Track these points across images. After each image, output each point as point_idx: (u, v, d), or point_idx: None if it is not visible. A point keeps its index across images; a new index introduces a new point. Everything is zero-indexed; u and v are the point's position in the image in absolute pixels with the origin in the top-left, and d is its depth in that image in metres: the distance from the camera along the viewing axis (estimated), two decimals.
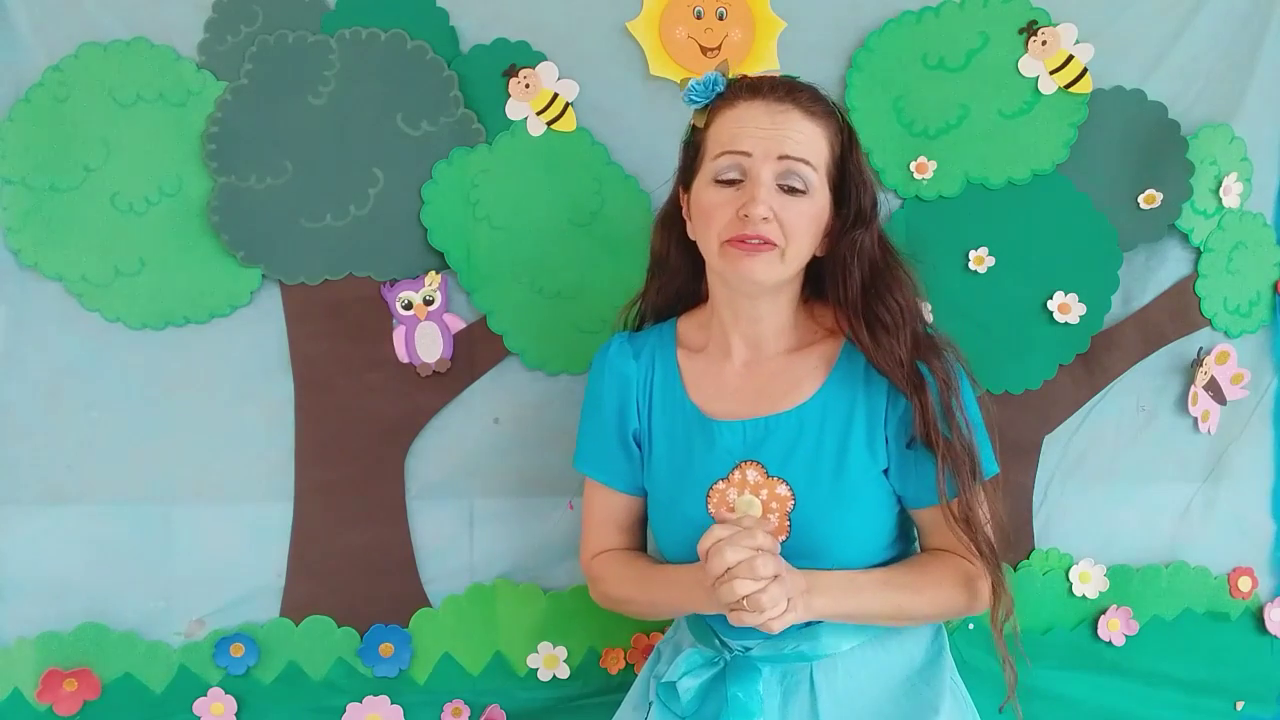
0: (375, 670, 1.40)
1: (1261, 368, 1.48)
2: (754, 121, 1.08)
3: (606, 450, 1.23)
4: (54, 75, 1.32)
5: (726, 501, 1.14)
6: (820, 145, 1.09)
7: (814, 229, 1.10)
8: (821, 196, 1.10)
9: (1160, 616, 1.46)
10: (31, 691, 1.36)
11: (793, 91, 1.10)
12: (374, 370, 1.39)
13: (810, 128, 1.09)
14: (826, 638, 1.15)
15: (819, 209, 1.10)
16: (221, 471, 1.38)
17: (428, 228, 1.37)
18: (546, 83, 1.36)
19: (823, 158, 1.10)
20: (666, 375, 1.21)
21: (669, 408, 1.20)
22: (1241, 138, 1.40)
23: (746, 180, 1.08)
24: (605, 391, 1.23)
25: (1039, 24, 1.37)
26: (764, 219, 1.06)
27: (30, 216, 1.34)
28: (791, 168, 1.07)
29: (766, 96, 1.09)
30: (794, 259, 1.10)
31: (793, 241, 1.08)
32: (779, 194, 1.07)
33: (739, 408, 1.16)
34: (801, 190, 1.08)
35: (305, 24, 1.34)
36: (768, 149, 1.07)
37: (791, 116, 1.08)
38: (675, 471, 1.18)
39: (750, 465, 1.14)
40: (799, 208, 1.08)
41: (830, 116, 1.12)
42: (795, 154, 1.07)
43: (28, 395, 1.36)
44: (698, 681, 1.17)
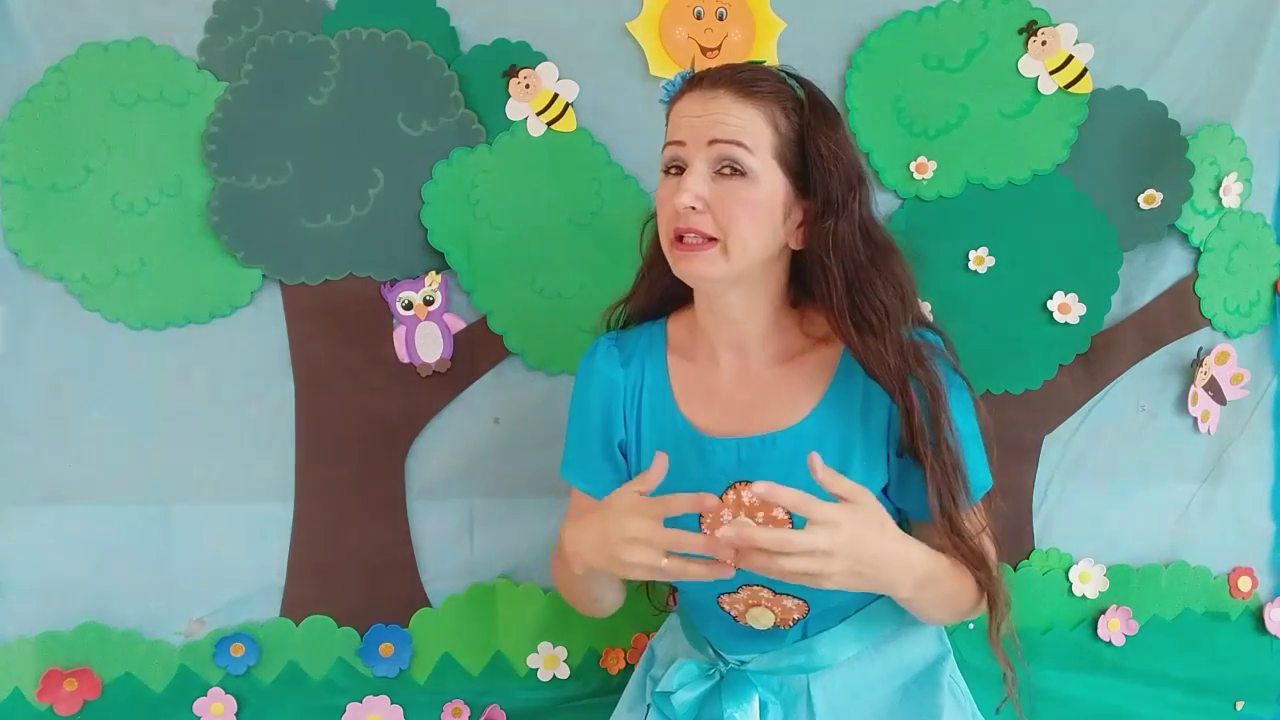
0: (375, 670, 1.40)
1: (1261, 368, 1.48)
2: (689, 110, 1.05)
3: (591, 459, 1.19)
4: (55, 75, 1.32)
5: (720, 521, 1.07)
6: (758, 125, 1.03)
7: (759, 216, 1.03)
8: (769, 180, 1.03)
9: (1160, 616, 1.46)
10: (31, 691, 1.36)
11: (731, 77, 1.05)
12: (374, 370, 1.39)
13: (743, 109, 1.02)
14: (823, 649, 1.14)
15: (764, 194, 1.03)
16: (221, 471, 1.38)
17: (428, 228, 1.37)
18: (546, 83, 1.36)
19: (763, 138, 1.03)
20: (656, 383, 1.16)
21: (658, 419, 1.15)
22: (1241, 138, 1.40)
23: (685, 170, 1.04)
24: (591, 399, 1.18)
25: (1039, 24, 1.37)
26: (690, 208, 1.02)
27: (31, 217, 1.34)
28: (723, 152, 1.02)
29: (702, 85, 1.05)
30: (740, 251, 1.03)
31: (731, 231, 1.02)
32: (717, 179, 1.03)
33: (731, 423, 1.11)
34: (739, 173, 1.02)
35: (305, 24, 1.34)
36: (698, 135, 1.03)
37: (722, 101, 1.03)
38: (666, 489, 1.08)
39: (745, 486, 1.08)
40: (736, 193, 1.02)
41: (774, 97, 1.04)
42: (724, 136, 1.02)
43: (28, 395, 1.36)
44: (692, 695, 1.16)
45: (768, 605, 1.12)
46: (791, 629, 1.15)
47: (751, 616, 1.13)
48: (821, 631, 1.15)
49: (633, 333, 1.22)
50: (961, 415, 1.08)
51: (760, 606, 1.12)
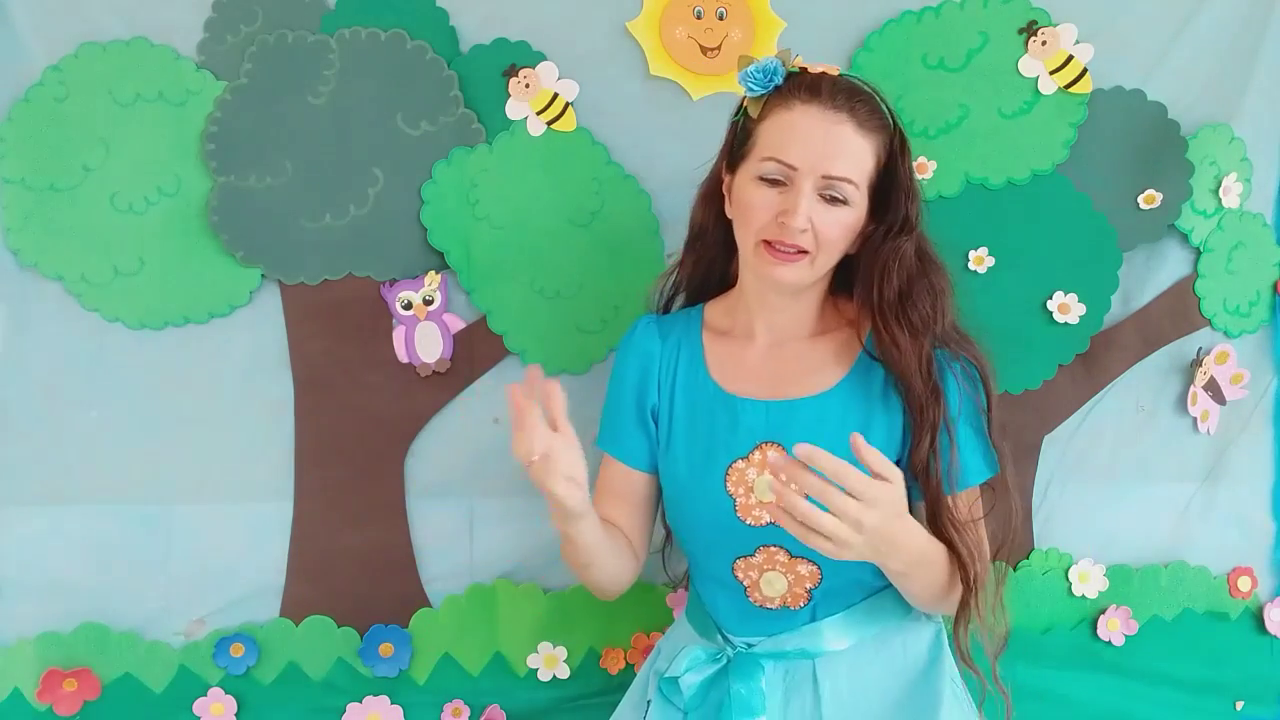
0: (375, 670, 1.40)
1: (1261, 368, 1.48)
2: (806, 132, 1.08)
3: (625, 428, 1.23)
4: (54, 75, 1.32)
5: (745, 480, 1.14)
6: (866, 160, 1.09)
7: (847, 236, 1.11)
8: (860, 206, 1.11)
9: (1160, 616, 1.46)
10: (31, 691, 1.36)
11: (851, 100, 1.09)
12: (374, 370, 1.39)
13: (860, 143, 1.09)
14: (830, 633, 1.17)
15: (856, 218, 1.11)
16: (221, 471, 1.38)
17: (427, 228, 1.37)
18: (546, 83, 1.36)
19: (866, 171, 1.10)
20: (691, 355, 1.22)
21: (691, 386, 1.20)
22: (1241, 138, 1.40)
23: (790, 186, 1.08)
24: (628, 368, 1.24)
25: (1039, 24, 1.37)
26: (802, 230, 1.08)
27: (30, 216, 1.33)
28: (834, 184, 1.08)
29: (824, 103, 1.08)
30: (823, 264, 1.12)
31: (824, 249, 1.10)
32: (819, 203, 1.08)
33: (760, 388, 1.17)
34: (842, 201, 1.09)
35: (305, 24, 1.34)
36: (814, 165, 1.07)
37: (844, 131, 1.08)
38: (695, 449, 1.18)
39: (771, 446, 1.14)
40: (836, 217, 1.09)
41: (883, 130, 1.11)
42: (839, 174, 1.08)
43: (27, 395, 1.36)
44: (700, 677, 1.18)
45: (782, 570, 1.15)
46: (800, 610, 1.17)
47: (765, 581, 1.17)
48: (829, 616, 1.17)
49: (671, 317, 1.29)
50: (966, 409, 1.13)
51: (774, 571, 1.16)
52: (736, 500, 1.15)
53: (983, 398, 1.14)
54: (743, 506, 1.15)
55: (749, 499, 1.14)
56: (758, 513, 1.14)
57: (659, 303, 1.31)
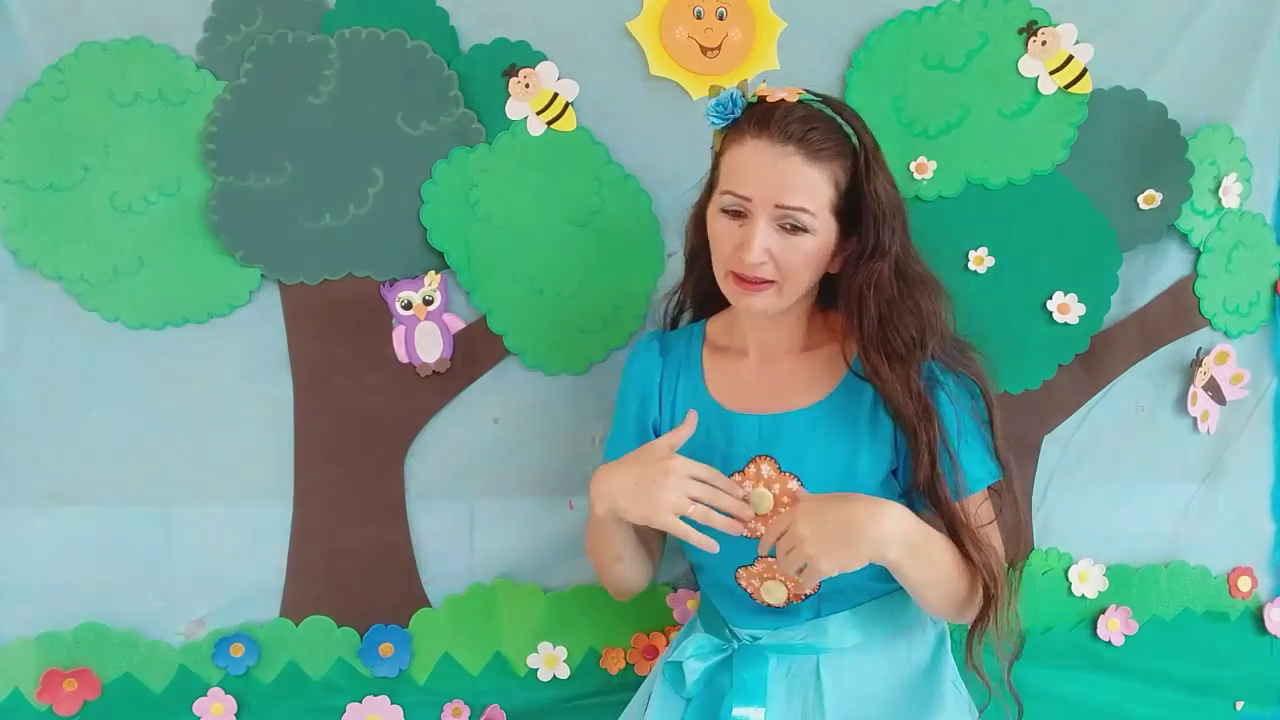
0: (375, 670, 1.40)
1: (1261, 368, 1.48)
2: (756, 164, 1.07)
3: (629, 442, 1.23)
4: (53, 75, 1.32)
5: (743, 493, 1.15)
6: (821, 188, 1.08)
7: (813, 263, 1.10)
8: (824, 231, 1.09)
9: (1159, 616, 1.46)
10: (31, 691, 1.36)
11: (804, 129, 1.07)
12: (374, 370, 1.39)
13: (811, 174, 1.07)
14: (834, 629, 1.17)
15: (819, 244, 1.09)
16: (221, 471, 1.38)
17: (427, 227, 1.37)
18: (546, 82, 1.36)
19: (824, 198, 1.08)
20: (691, 372, 1.23)
21: (690, 402, 1.21)
22: (1241, 138, 1.40)
23: (748, 218, 1.08)
24: (631, 386, 1.26)
25: (1039, 24, 1.37)
26: (759, 263, 1.08)
27: (29, 216, 1.33)
28: (788, 215, 1.07)
29: (773, 135, 1.07)
30: (792, 292, 1.11)
31: (789, 278, 1.10)
32: (778, 234, 1.08)
33: (755, 403, 1.18)
34: (801, 230, 1.08)
35: (305, 24, 1.34)
36: (765, 195, 1.07)
37: (793, 163, 1.06)
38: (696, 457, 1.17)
39: (764, 460, 1.16)
40: (797, 246, 1.08)
41: (838, 154, 1.09)
42: (791, 204, 1.06)
43: (27, 395, 1.36)
44: (704, 665, 1.20)
45: (782, 579, 1.17)
46: (804, 604, 1.18)
47: (766, 590, 1.18)
48: (833, 613, 1.18)
49: (676, 332, 1.30)
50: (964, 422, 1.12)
51: (775, 580, 1.17)
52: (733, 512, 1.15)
53: (981, 409, 1.14)
54: None
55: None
56: (754, 524, 1.14)
57: (666, 319, 1.32)
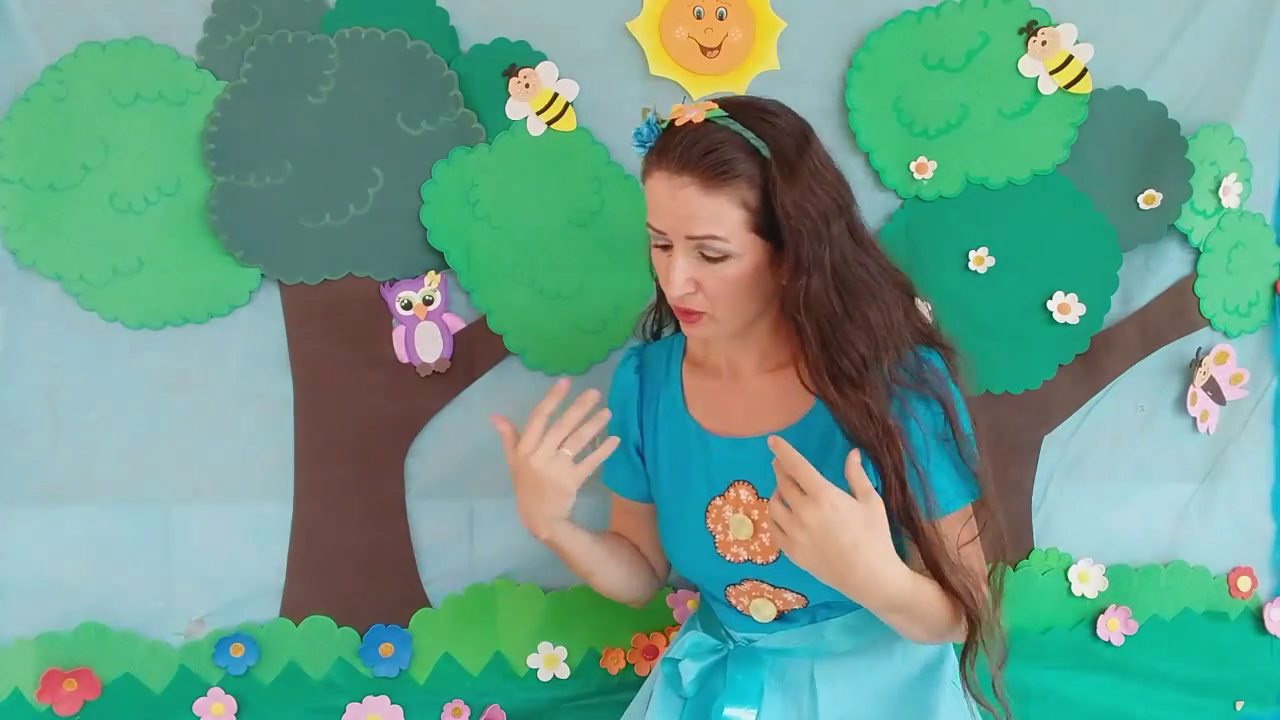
0: (375, 670, 1.40)
1: (1261, 368, 1.48)
2: (661, 196, 1.03)
3: (617, 463, 1.23)
4: (53, 74, 1.31)
5: (723, 518, 1.14)
6: (728, 213, 1.01)
7: (743, 287, 1.04)
8: (748, 253, 1.03)
9: (1159, 616, 1.46)
10: (31, 691, 1.36)
11: (698, 161, 1.00)
12: (374, 370, 1.39)
13: (709, 202, 1.00)
14: (830, 634, 1.16)
15: (745, 267, 1.03)
16: (221, 471, 1.38)
17: (427, 227, 1.37)
18: (546, 82, 1.36)
19: (736, 221, 1.01)
20: (671, 390, 1.20)
21: (672, 422, 1.19)
22: (1241, 138, 1.40)
23: (671, 249, 1.05)
24: (614, 405, 1.22)
25: (1039, 24, 1.37)
26: (686, 294, 1.04)
27: (28, 216, 1.33)
28: (701, 244, 1.02)
29: (669, 166, 1.02)
30: (729, 318, 1.07)
31: (719, 307, 1.05)
32: (700, 263, 1.03)
33: (733, 424, 1.15)
34: (721, 257, 1.02)
35: (305, 24, 1.34)
36: (675, 228, 1.03)
37: (689, 193, 1.01)
38: (677, 486, 1.18)
39: (742, 485, 1.13)
40: (720, 274, 1.03)
41: (742, 174, 1.00)
42: (699, 233, 1.01)
43: (26, 395, 1.36)
44: (699, 665, 1.19)
45: (769, 597, 1.15)
46: (799, 613, 1.17)
47: (754, 608, 1.17)
48: (829, 619, 1.17)
49: (654, 347, 1.27)
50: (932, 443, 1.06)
51: (762, 598, 1.16)
52: (715, 537, 1.14)
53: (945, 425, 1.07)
54: (721, 543, 1.14)
55: (727, 536, 1.13)
56: (735, 550, 1.13)
57: (646, 334, 1.29)
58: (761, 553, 1.13)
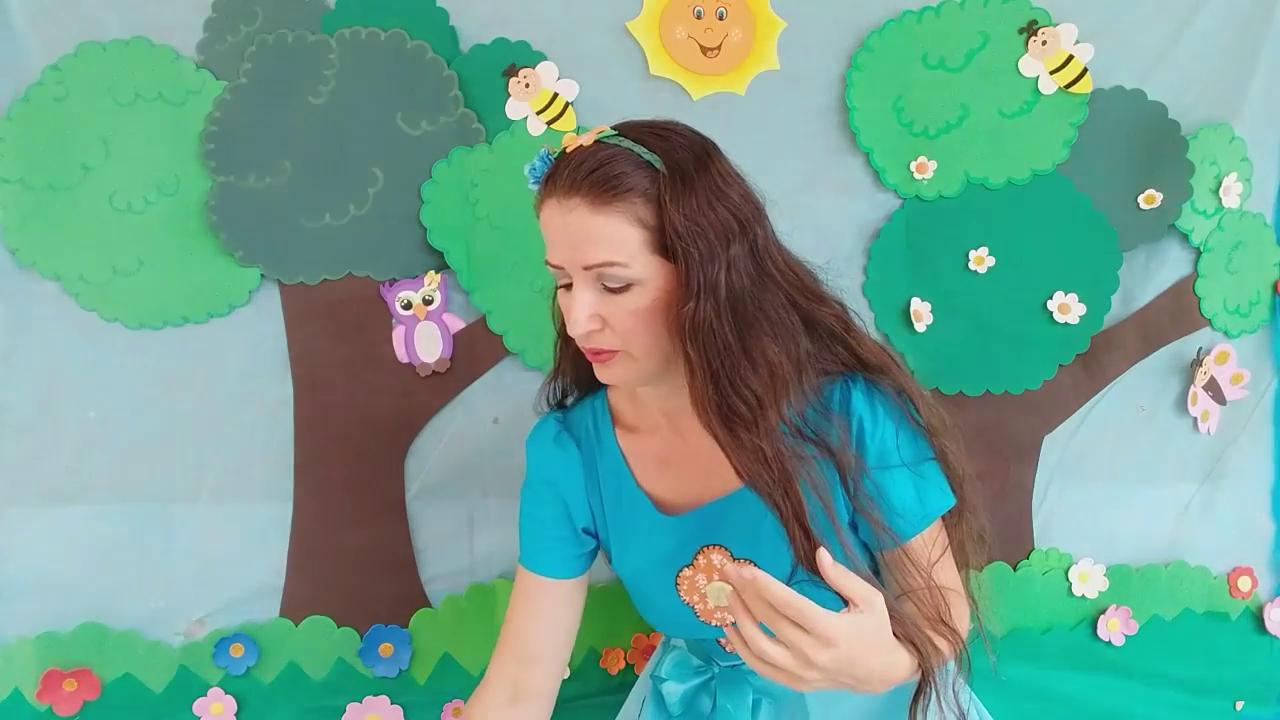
0: (375, 670, 1.40)
1: (1261, 368, 1.48)
2: (553, 227, 0.96)
3: (548, 546, 1.15)
4: (53, 74, 1.31)
5: (697, 588, 1.09)
6: (623, 233, 0.93)
7: (652, 319, 0.95)
8: (654, 279, 0.95)
9: (1160, 616, 1.46)
10: (31, 691, 1.36)
11: (587, 176, 0.93)
12: (374, 370, 1.38)
13: (601, 221, 0.93)
14: None
15: (651, 296, 0.95)
16: (221, 471, 1.38)
17: (427, 227, 1.37)
18: (546, 82, 1.36)
19: (633, 243, 0.93)
20: (611, 464, 1.12)
21: (620, 499, 1.12)
22: (1241, 138, 1.40)
23: (572, 286, 0.97)
24: (543, 490, 1.15)
25: (1039, 24, 1.37)
26: (591, 331, 0.96)
27: (28, 215, 1.33)
28: (599, 273, 0.94)
29: (558, 190, 0.95)
30: (645, 355, 0.97)
31: (630, 341, 0.96)
32: (601, 296, 0.95)
33: (690, 488, 1.08)
34: (623, 286, 0.95)
35: (305, 24, 1.34)
36: (571, 259, 0.95)
37: (580, 215, 0.93)
38: (638, 562, 1.12)
39: (714, 549, 1.07)
40: (624, 306, 0.95)
41: (633, 188, 0.93)
42: (594, 261, 0.93)
43: (25, 395, 1.36)
44: (683, 687, 1.17)
45: None
46: None
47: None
48: None
49: (576, 412, 1.17)
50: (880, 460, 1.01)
51: None
52: (695, 609, 1.11)
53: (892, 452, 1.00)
54: (703, 613, 1.11)
55: (706, 605, 1.10)
56: (720, 615, 1.09)
57: (550, 402, 1.20)
58: None
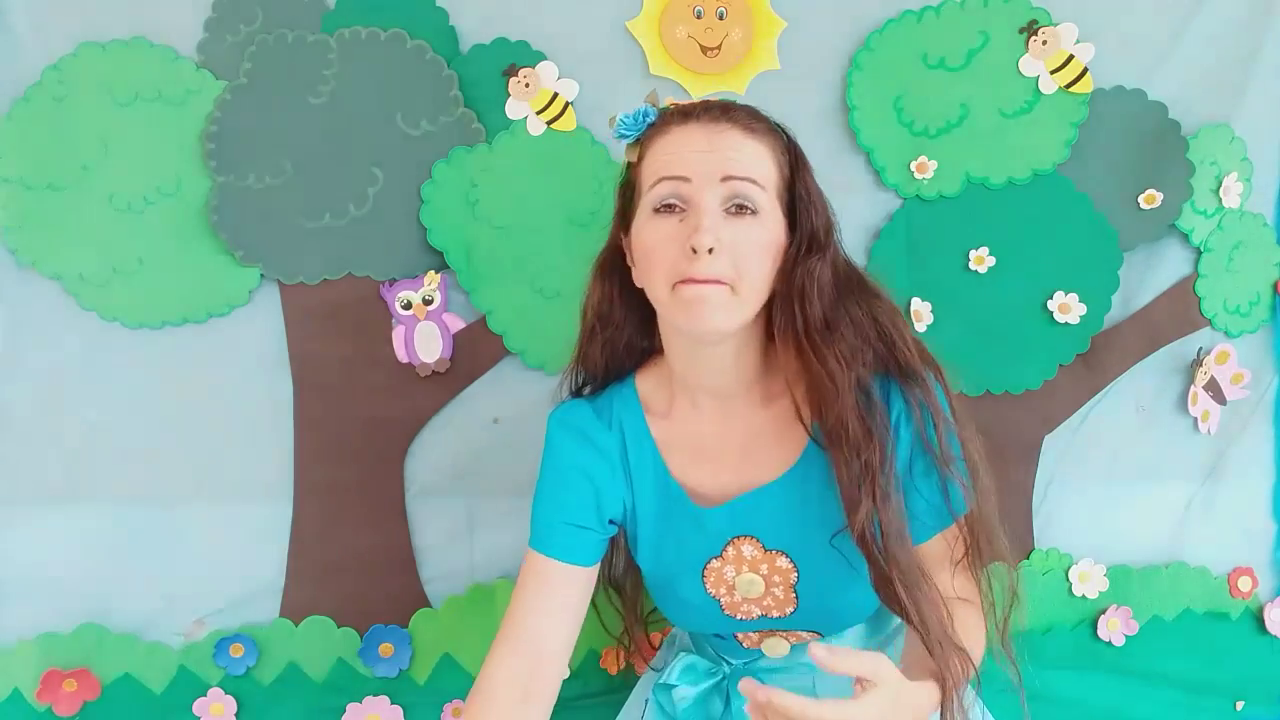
0: (375, 670, 1.40)
1: (1261, 368, 1.48)
2: (690, 144, 0.97)
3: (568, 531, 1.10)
4: (53, 74, 1.31)
5: (725, 580, 1.08)
6: (766, 163, 0.98)
7: (769, 257, 0.98)
8: (774, 221, 0.98)
9: (1160, 616, 1.46)
10: (31, 692, 1.36)
11: (729, 110, 1.00)
12: (373, 370, 1.38)
13: (752, 144, 0.98)
14: None
15: (772, 234, 0.98)
16: (221, 471, 1.38)
17: (427, 227, 1.37)
18: (546, 82, 1.36)
19: (771, 177, 0.99)
20: (642, 451, 1.10)
21: (653, 488, 1.10)
22: (1241, 138, 1.40)
23: (690, 209, 0.96)
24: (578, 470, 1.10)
25: (1039, 23, 1.37)
26: (710, 250, 0.93)
27: (28, 215, 1.33)
28: (737, 189, 0.96)
29: (701, 118, 0.99)
30: (750, 295, 0.97)
31: (745, 275, 0.96)
32: (727, 219, 0.96)
33: (724, 477, 1.07)
34: (751, 211, 0.96)
35: (305, 24, 1.34)
36: (708, 171, 0.96)
37: (731, 135, 0.97)
38: (666, 553, 1.11)
39: (745, 540, 1.07)
40: (751, 233, 0.96)
41: (773, 134, 1.01)
42: (739, 173, 0.96)
43: (25, 395, 1.36)
44: (695, 690, 1.17)
45: (782, 636, 1.14)
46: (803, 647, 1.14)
47: (767, 646, 1.15)
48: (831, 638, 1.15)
49: (602, 399, 1.14)
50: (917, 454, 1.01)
51: (775, 638, 1.14)
52: (721, 601, 1.10)
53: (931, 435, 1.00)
54: (729, 605, 1.11)
55: (733, 597, 1.10)
56: (746, 608, 1.10)
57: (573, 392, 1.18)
58: (777, 606, 1.09)
